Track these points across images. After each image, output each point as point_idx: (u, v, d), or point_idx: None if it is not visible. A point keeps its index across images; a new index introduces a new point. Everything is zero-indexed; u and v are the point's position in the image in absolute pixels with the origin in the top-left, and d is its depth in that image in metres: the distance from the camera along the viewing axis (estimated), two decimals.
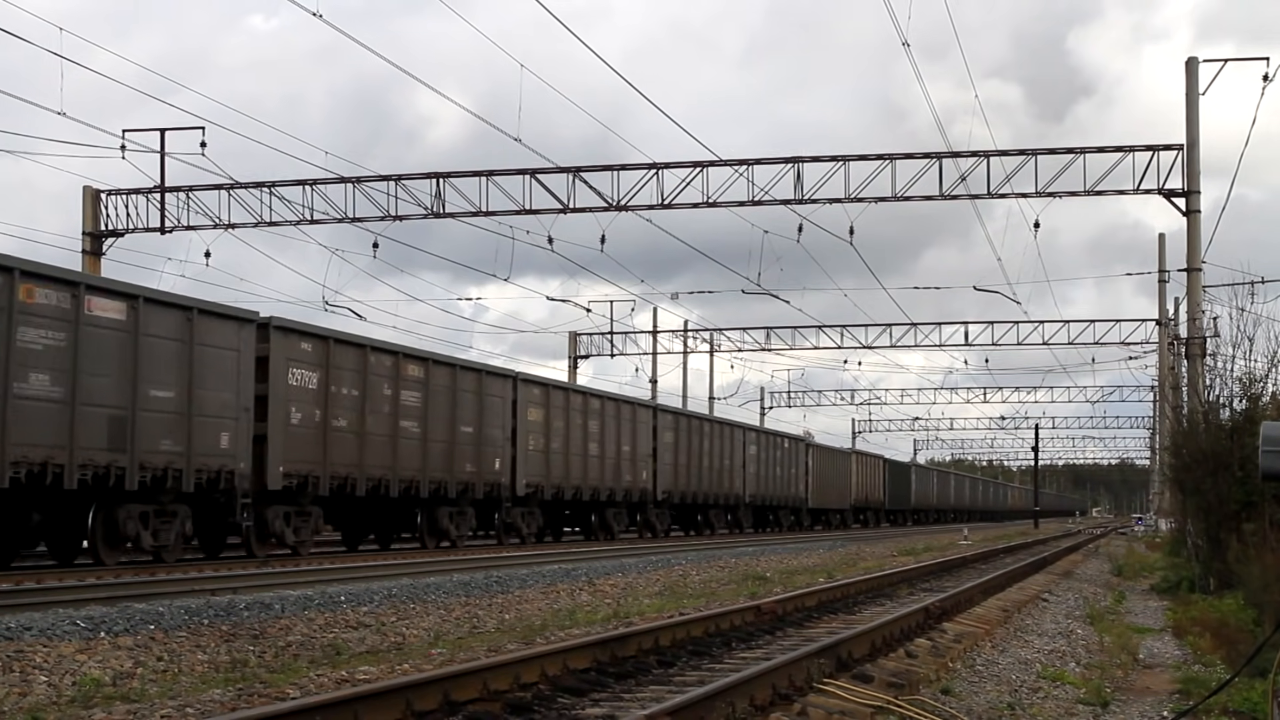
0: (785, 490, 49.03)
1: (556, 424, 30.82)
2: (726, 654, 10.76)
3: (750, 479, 44.78)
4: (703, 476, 41.01)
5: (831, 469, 56.97)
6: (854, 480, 61.04)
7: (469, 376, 27.14)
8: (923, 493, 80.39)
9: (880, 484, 67.18)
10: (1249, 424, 18.08)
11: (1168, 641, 14.68)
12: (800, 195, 31.05)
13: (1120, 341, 52.39)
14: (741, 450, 44.10)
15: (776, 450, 48.43)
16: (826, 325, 54.69)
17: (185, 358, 18.72)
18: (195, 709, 7.76)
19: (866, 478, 64.42)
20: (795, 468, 50.45)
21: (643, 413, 36.72)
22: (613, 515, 34.47)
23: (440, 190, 31.83)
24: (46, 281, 16.56)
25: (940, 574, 23.21)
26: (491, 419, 27.76)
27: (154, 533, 18.50)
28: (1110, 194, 30.72)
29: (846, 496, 59.59)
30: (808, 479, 52.11)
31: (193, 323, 18.89)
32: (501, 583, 17.68)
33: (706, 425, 42.06)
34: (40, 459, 16.31)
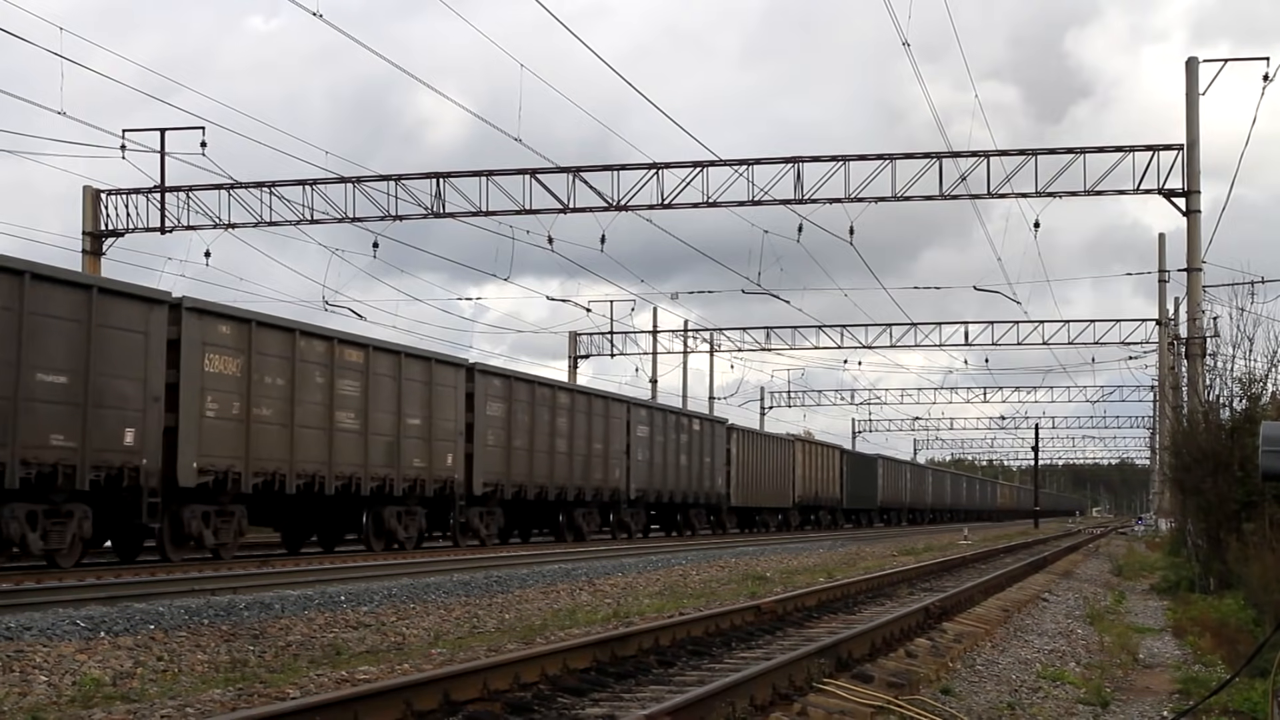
0: (693, 484, 40.04)
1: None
2: (726, 654, 10.75)
3: (638, 469, 35.84)
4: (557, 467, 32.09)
5: (765, 459, 47.93)
6: (800, 473, 52.37)
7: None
8: (893, 490, 71.62)
9: (836, 479, 58.54)
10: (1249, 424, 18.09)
11: (1168, 641, 14.67)
12: (800, 195, 31.05)
13: (1120, 341, 52.44)
14: (625, 432, 35.07)
15: (678, 433, 38.98)
16: (826, 325, 54.71)
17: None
18: (195, 709, 7.76)
19: (817, 471, 55.36)
20: (710, 456, 41.60)
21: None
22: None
23: (440, 190, 31.85)
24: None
25: (940, 574, 23.21)
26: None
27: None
28: (1110, 194, 30.75)
29: (788, 492, 50.97)
30: (729, 470, 43.49)
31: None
32: (501, 583, 17.69)
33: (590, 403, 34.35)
34: None
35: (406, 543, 25.02)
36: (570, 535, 32.44)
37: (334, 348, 22.75)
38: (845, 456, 61.33)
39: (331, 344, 22.74)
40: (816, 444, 57.95)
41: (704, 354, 60.93)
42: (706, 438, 41.40)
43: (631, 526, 36.84)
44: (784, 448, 51.00)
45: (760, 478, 47.14)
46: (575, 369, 54.55)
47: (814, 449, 56.08)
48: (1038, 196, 30.57)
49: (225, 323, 20.19)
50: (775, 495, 49.43)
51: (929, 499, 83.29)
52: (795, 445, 52.55)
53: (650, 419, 36.19)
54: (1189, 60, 29.53)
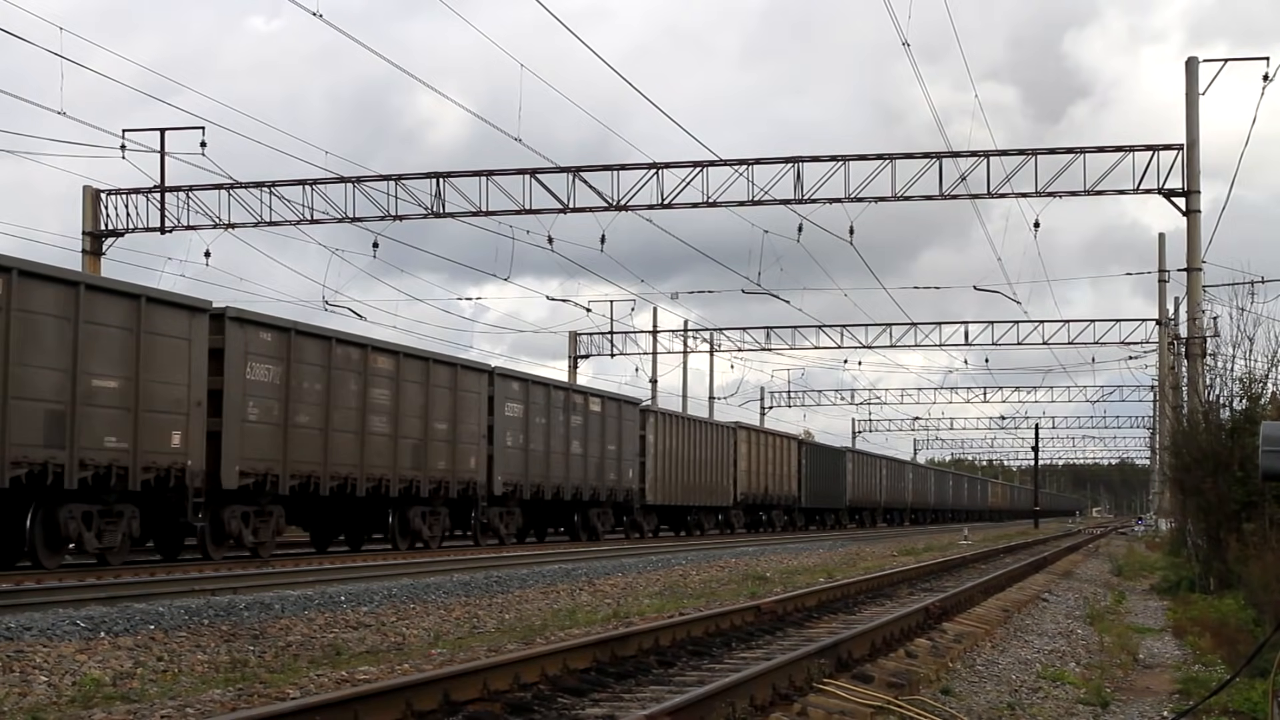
0: (593, 477, 32.83)
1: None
2: (726, 654, 10.75)
3: (506, 458, 28.55)
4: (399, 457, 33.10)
5: (696, 449, 41.02)
6: (744, 467, 45.86)
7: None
8: (865, 487, 64.78)
9: (792, 474, 51.76)
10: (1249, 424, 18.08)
11: (1168, 641, 14.68)
12: (800, 195, 31.05)
13: (1120, 341, 52.42)
14: (480, 411, 27.75)
15: (566, 413, 31.38)
16: (826, 325, 54.67)
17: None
18: (195, 709, 7.76)
19: (766, 464, 48.58)
20: (616, 444, 34.48)
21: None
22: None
23: (440, 190, 31.84)
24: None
25: (940, 574, 23.21)
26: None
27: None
28: (1110, 194, 30.74)
29: (728, 489, 44.30)
30: (643, 462, 36.66)
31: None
32: (501, 583, 17.68)
33: None
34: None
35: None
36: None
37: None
38: (804, 448, 54.47)
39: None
40: (767, 433, 51.57)
41: (704, 354, 60.99)
42: (610, 421, 34.07)
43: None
44: (722, 436, 44.07)
45: (689, 471, 40.21)
46: (575, 369, 54.56)
47: (763, 439, 49.43)
48: (1038, 196, 30.58)
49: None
50: (710, 491, 42.42)
51: (909, 498, 76.70)
52: (738, 434, 45.87)
53: (526, 395, 29.58)
54: (1189, 60, 29.56)
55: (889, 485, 70.47)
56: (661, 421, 38.62)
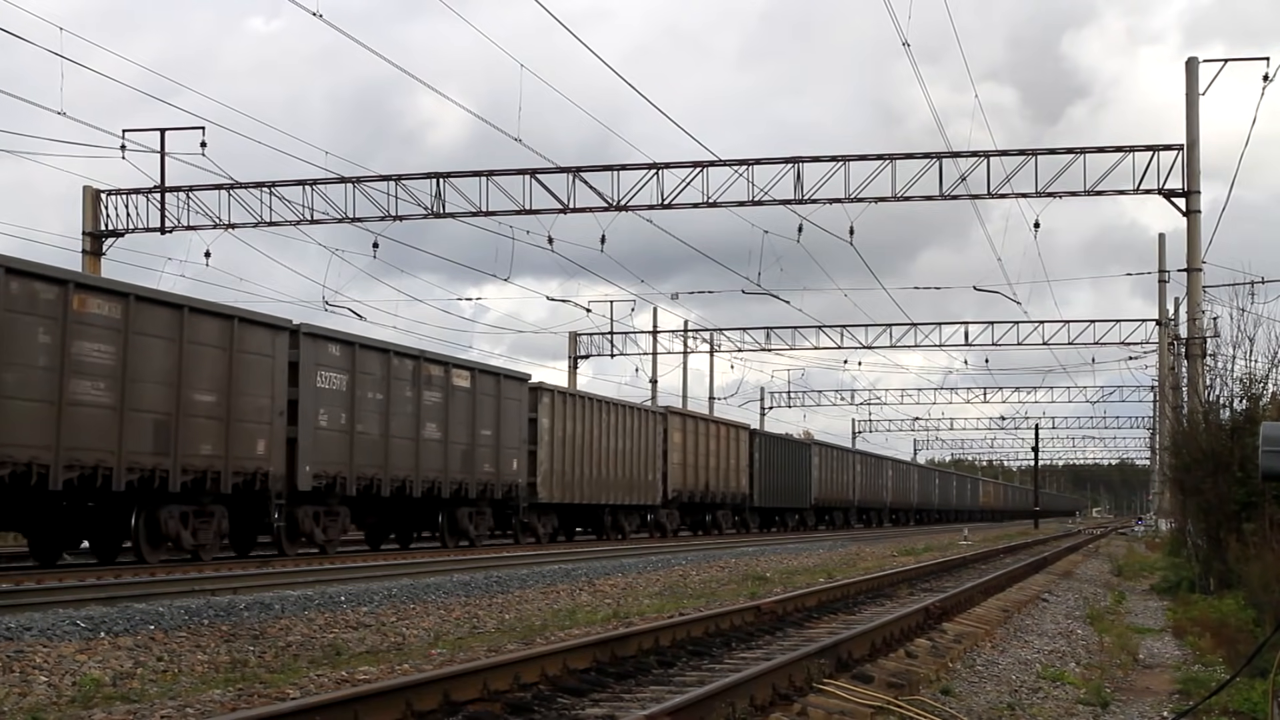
0: (458, 469, 26.66)
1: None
2: (726, 654, 10.76)
3: (317, 443, 22.23)
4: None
5: (609, 438, 34.57)
6: (678, 459, 39.64)
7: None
8: (835, 485, 58.44)
9: (742, 468, 45.42)
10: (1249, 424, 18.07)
11: (1168, 641, 14.68)
12: (800, 195, 31.05)
13: (1120, 341, 52.40)
14: (272, 382, 21.00)
15: (419, 389, 25.30)
16: (826, 325, 54.64)
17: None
18: (195, 709, 7.76)
19: (708, 456, 42.23)
20: (494, 428, 28.09)
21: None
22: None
23: (440, 190, 31.84)
24: None
25: (940, 574, 23.21)
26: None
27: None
28: (1110, 194, 30.72)
29: (656, 485, 37.98)
30: (533, 451, 30.40)
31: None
32: (501, 583, 17.68)
33: None
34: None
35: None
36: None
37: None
38: (757, 440, 47.99)
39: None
40: (708, 421, 44.68)
41: (704, 354, 60.95)
42: (485, 400, 27.90)
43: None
44: (647, 423, 37.59)
45: (600, 462, 33.97)
46: (575, 369, 54.56)
47: (702, 427, 42.65)
48: (1037, 197, 30.57)
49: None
50: (629, 488, 35.93)
51: (888, 497, 70.22)
52: (669, 420, 39.69)
53: (351, 363, 23.12)
54: (1189, 60, 29.56)
55: (865, 483, 64.59)
56: (560, 402, 32.32)
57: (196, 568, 18.52)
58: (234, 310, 20.25)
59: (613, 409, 35.64)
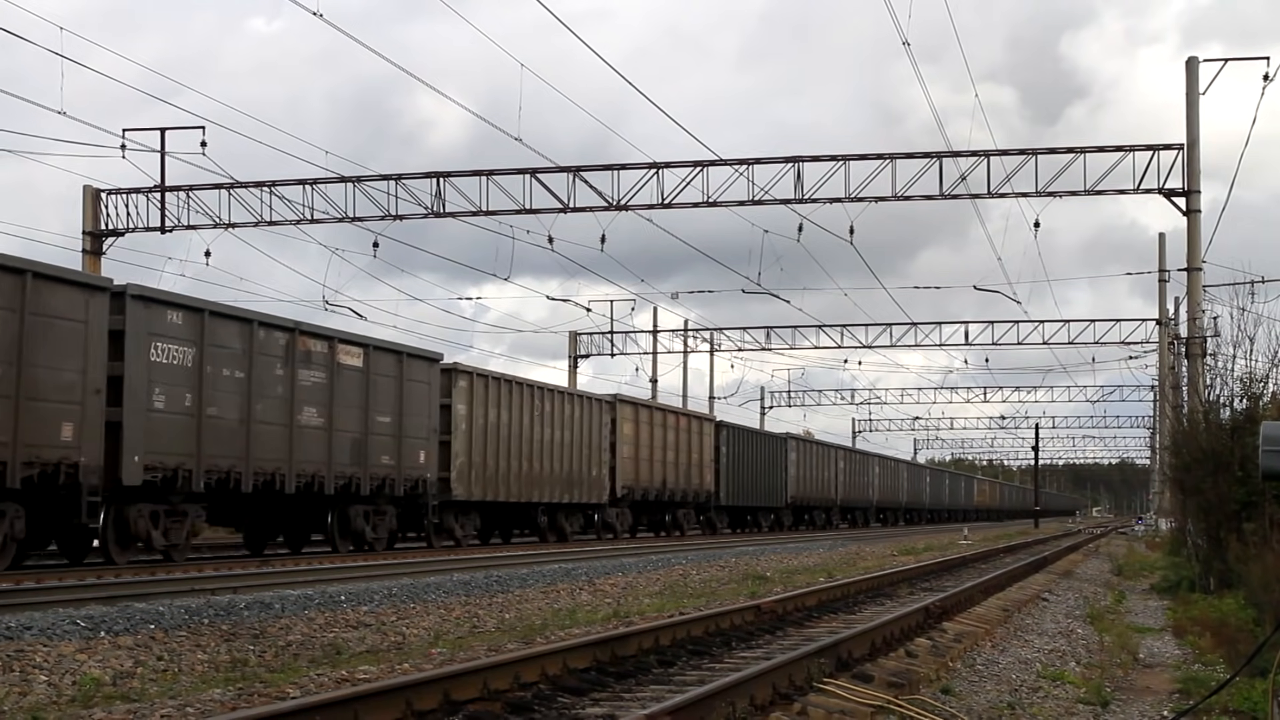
0: (346, 461, 23.12)
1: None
2: (727, 653, 10.76)
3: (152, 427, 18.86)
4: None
5: (546, 429, 31.15)
6: (627, 452, 35.97)
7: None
8: (815, 482, 54.91)
9: (706, 464, 41.89)
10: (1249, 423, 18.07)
11: (1168, 641, 14.68)
12: (800, 195, 31.04)
13: (1120, 341, 52.42)
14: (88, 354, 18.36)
15: (292, 368, 21.74)
16: (826, 325, 54.65)
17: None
18: (195, 709, 7.76)
19: (666, 450, 38.63)
20: (395, 415, 24.50)
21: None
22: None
23: (440, 190, 31.84)
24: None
25: (940, 574, 23.21)
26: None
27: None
28: (1110, 194, 30.72)
29: (602, 480, 34.22)
30: (446, 441, 26.69)
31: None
32: (501, 582, 17.69)
33: None
34: None
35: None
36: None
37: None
38: (724, 433, 44.20)
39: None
40: (666, 411, 40.20)
41: (704, 354, 60.92)
42: (382, 382, 24.22)
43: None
44: (591, 412, 33.90)
45: (531, 456, 30.33)
46: (575, 369, 54.57)
47: (658, 418, 38.55)
48: (1037, 196, 30.56)
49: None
50: (570, 484, 32.41)
51: (874, 495, 66.64)
52: (619, 409, 35.80)
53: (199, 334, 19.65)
54: (1189, 60, 29.56)
55: (848, 481, 60.98)
56: (480, 387, 28.36)
57: (197, 567, 18.50)
58: (28, 264, 16.46)
59: (548, 395, 32.05)
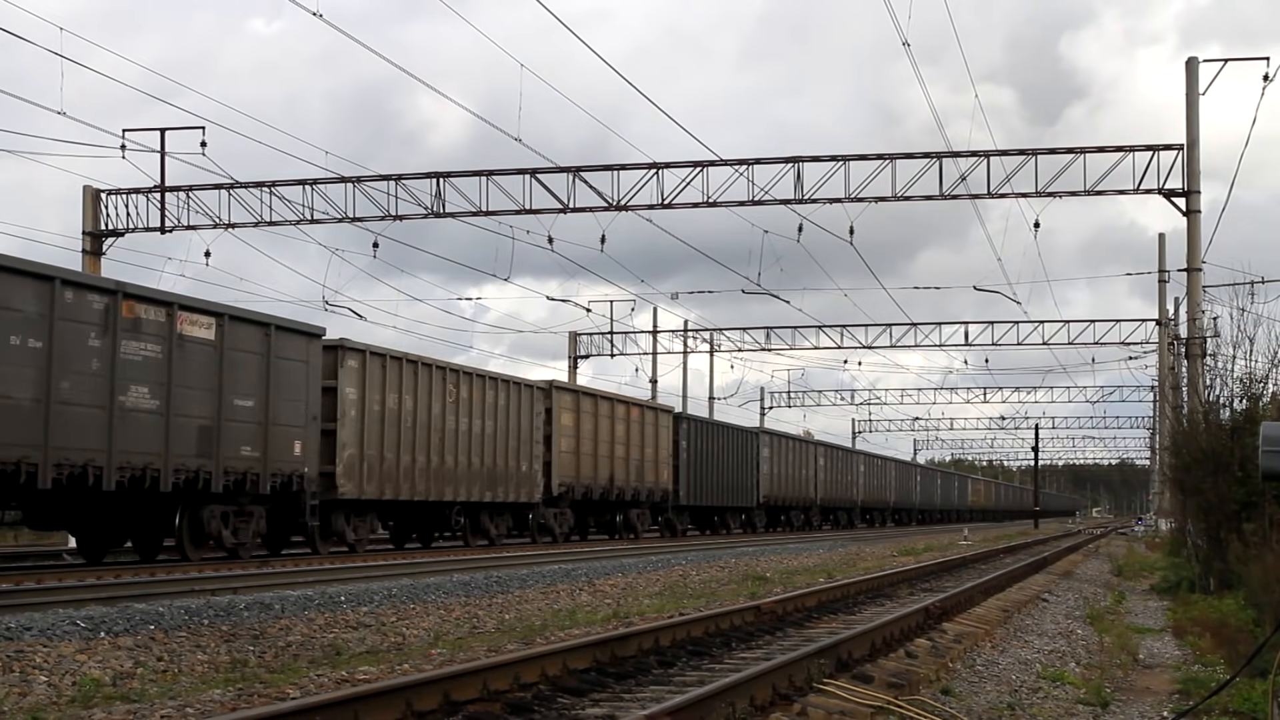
0: (200, 453, 19.30)
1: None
2: (726, 654, 10.76)
3: None
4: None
5: (460, 419, 27.16)
6: (566, 445, 32.05)
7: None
8: (792, 480, 51.01)
9: (663, 459, 38.01)
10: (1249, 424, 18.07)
11: (1168, 641, 14.68)
12: (800, 195, 31.02)
13: (1120, 341, 52.38)
14: None
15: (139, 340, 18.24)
16: (826, 325, 54.60)
17: None
18: (195, 709, 7.76)
19: (613, 445, 34.60)
20: (263, 398, 20.55)
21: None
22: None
23: (440, 190, 31.83)
24: None
25: (940, 574, 23.20)
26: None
27: None
28: (1110, 194, 30.70)
29: (532, 477, 30.16)
30: (331, 431, 22.88)
31: None
32: (501, 583, 17.69)
33: None
34: None
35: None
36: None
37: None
38: (684, 425, 40.45)
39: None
40: (614, 400, 35.84)
41: (704, 354, 60.90)
42: (246, 360, 20.28)
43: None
44: (522, 400, 29.85)
45: (443, 449, 26.44)
46: (575, 369, 54.56)
47: (605, 407, 34.61)
48: (1037, 196, 30.54)
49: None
50: (493, 480, 28.46)
51: (859, 495, 62.62)
52: (555, 396, 31.78)
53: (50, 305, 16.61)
54: (1189, 60, 29.55)
55: (830, 479, 56.82)
56: (375, 368, 24.37)
57: (197, 568, 18.51)
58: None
59: (465, 379, 27.77)
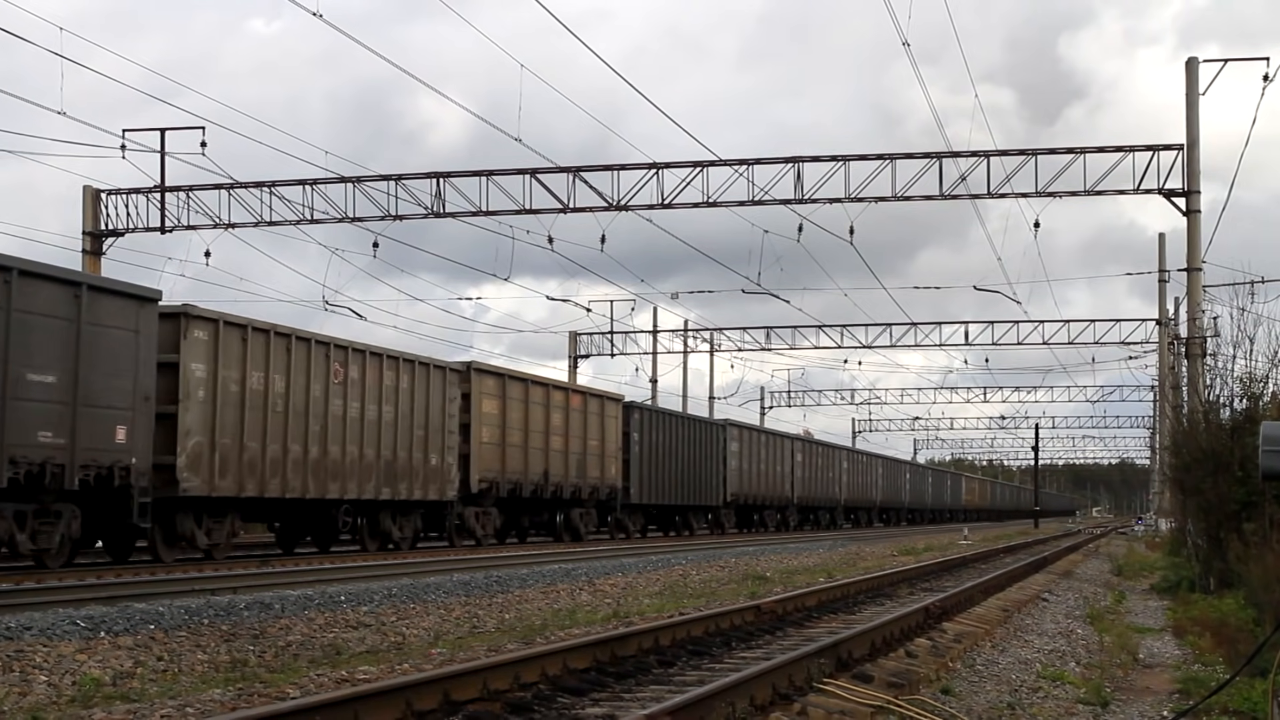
0: None
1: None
2: (726, 654, 10.75)
3: None
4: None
5: (347, 403, 23.66)
6: (487, 436, 28.44)
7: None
8: (765, 478, 47.57)
9: (613, 454, 34.24)
10: (1249, 423, 18.08)
11: (1168, 641, 14.68)
12: (800, 195, 31.04)
13: (1120, 341, 52.42)
14: None
15: None
16: (826, 325, 54.64)
17: None
18: (195, 709, 7.76)
19: (547, 436, 30.79)
20: (70, 373, 17.06)
21: None
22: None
23: (440, 190, 31.84)
24: None
25: (940, 574, 23.20)
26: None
27: None
28: (1110, 194, 30.71)
29: (446, 471, 26.64)
30: (172, 415, 19.40)
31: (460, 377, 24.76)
32: (501, 582, 17.69)
33: None
34: None
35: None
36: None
37: None
38: (634, 415, 36.38)
39: None
40: (550, 386, 31.99)
41: (704, 354, 60.93)
42: (37, 324, 16.71)
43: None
44: (429, 382, 26.17)
45: (325, 438, 22.89)
46: (575, 369, 54.56)
47: (538, 393, 30.78)
48: (1037, 196, 30.56)
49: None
50: (394, 476, 24.99)
51: (842, 493, 59.04)
52: (475, 380, 27.96)
53: None
54: (1189, 60, 29.57)
55: (808, 476, 53.25)
56: (233, 342, 20.64)
57: (197, 567, 18.52)
58: None
59: (353, 357, 23.54)
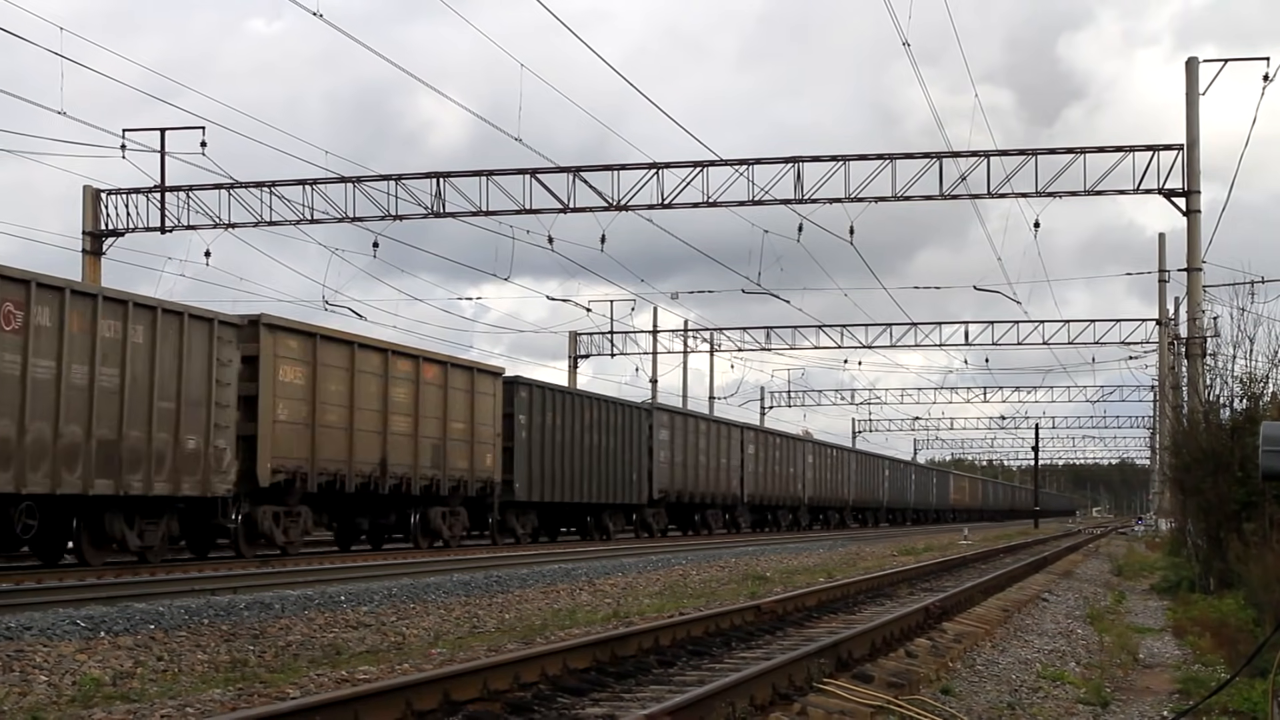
0: None
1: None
2: (726, 654, 10.75)
3: None
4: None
5: (45, 365, 16.72)
6: (289, 413, 22.17)
7: None
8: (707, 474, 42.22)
9: (489, 442, 28.53)
10: (1249, 424, 18.07)
11: (1168, 641, 14.68)
12: (800, 195, 31.04)
13: (1120, 341, 52.41)
14: None
15: None
16: (826, 325, 54.62)
17: None
18: (195, 709, 7.76)
19: (389, 416, 24.93)
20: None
21: None
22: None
23: (440, 190, 31.83)
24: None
25: (940, 574, 23.20)
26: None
27: None
28: (1110, 194, 30.72)
29: (215, 461, 19.77)
30: None
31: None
32: (501, 582, 17.69)
33: None
34: None
35: None
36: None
37: None
38: (520, 393, 30.57)
39: None
40: (389, 351, 25.44)
41: (704, 354, 60.92)
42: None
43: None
44: (189, 339, 19.47)
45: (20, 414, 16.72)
46: (575, 369, 54.55)
47: (372, 360, 24.77)
48: (1037, 196, 30.56)
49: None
50: (138, 465, 18.38)
51: (805, 491, 53.91)
52: (266, 340, 21.71)
53: None
54: (1189, 60, 29.57)
55: (761, 471, 48.05)
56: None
57: (197, 567, 18.52)
58: None
59: (39, 294, 16.72)
